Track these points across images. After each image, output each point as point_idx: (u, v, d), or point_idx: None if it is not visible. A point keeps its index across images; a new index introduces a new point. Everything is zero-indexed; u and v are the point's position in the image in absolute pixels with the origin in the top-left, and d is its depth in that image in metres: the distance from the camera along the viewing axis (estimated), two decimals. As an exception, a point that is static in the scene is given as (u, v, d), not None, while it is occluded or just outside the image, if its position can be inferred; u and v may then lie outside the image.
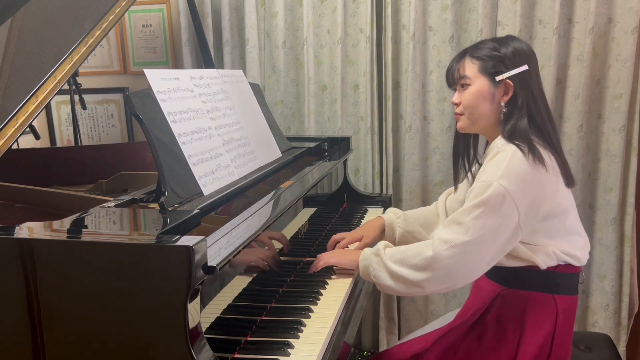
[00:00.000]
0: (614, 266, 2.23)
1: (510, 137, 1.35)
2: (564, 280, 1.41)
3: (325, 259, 1.51)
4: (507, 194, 1.26)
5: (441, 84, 2.29)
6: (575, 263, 1.40)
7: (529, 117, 1.37)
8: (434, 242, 1.32)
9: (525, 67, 1.37)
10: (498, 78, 1.38)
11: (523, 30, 2.15)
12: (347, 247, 1.65)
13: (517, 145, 1.32)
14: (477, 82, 1.40)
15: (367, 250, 1.46)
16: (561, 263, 1.39)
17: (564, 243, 1.38)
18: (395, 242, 1.68)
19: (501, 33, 2.19)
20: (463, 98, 1.43)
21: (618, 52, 2.11)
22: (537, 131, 1.38)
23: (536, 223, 1.34)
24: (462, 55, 1.44)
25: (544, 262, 1.37)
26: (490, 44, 1.41)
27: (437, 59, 2.28)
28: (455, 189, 1.62)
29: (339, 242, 1.65)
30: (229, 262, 1.10)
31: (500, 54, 1.38)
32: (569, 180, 1.39)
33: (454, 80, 1.46)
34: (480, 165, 1.49)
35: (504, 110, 1.39)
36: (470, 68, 1.41)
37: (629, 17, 2.07)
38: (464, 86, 1.42)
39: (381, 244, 1.44)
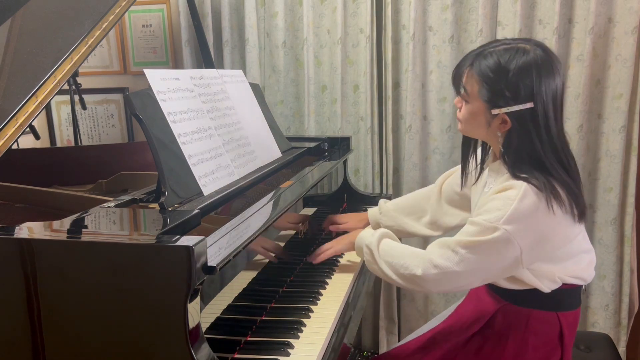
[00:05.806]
0: (614, 266, 2.23)
1: (515, 173, 1.23)
2: (567, 296, 1.36)
3: (325, 252, 1.55)
4: (511, 239, 1.19)
5: (441, 84, 2.29)
6: (581, 283, 1.35)
7: (530, 157, 1.23)
8: (424, 262, 1.27)
9: (528, 106, 1.21)
10: (494, 112, 1.24)
11: (523, 30, 2.15)
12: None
13: (527, 180, 1.20)
14: (474, 103, 1.28)
15: (363, 238, 1.45)
16: (566, 283, 1.33)
17: (570, 265, 1.31)
18: None
19: (501, 33, 2.19)
20: (462, 110, 1.33)
21: (618, 52, 2.10)
22: (543, 170, 1.22)
23: (541, 256, 1.27)
24: (469, 64, 1.28)
25: (547, 287, 1.31)
26: (494, 61, 1.23)
27: (437, 59, 2.28)
28: (462, 183, 1.49)
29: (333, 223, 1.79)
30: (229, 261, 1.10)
31: (499, 86, 1.22)
32: (580, 215, 1.26)
33: (458, 84, 1.32)
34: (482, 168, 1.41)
35: (500, 140, 1.28)
36: (471, 85, 1.28)
37: (629, 17, 2.07)
38: (466, 101, 1.31)
39: (377, 235, 1.41)
